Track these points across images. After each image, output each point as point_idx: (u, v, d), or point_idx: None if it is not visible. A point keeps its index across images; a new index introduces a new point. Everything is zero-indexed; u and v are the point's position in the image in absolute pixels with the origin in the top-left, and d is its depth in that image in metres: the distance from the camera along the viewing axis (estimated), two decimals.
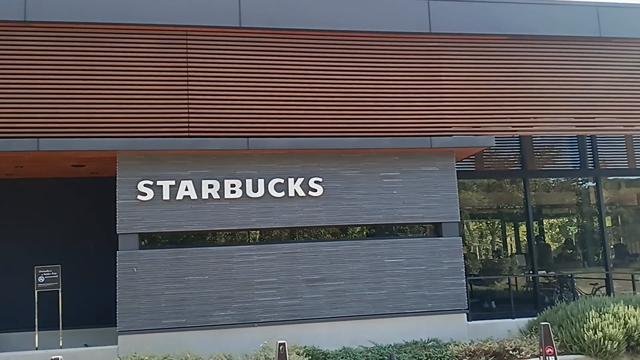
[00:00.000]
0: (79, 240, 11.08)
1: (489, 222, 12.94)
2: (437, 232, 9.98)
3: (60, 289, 9.25)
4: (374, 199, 9.62)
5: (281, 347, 7.30)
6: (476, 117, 10.20)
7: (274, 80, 9.50)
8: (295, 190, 9.32)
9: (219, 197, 9.06)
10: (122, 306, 8.59)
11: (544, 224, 13.13)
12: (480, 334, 9.40)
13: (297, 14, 9.60)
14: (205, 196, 9.02)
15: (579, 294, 11.64)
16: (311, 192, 9.38)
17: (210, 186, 9.05)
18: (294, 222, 9.33)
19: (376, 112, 9.81)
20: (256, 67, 9.46)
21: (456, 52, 10.28)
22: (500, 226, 12.97)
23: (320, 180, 9.45)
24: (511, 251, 12.83)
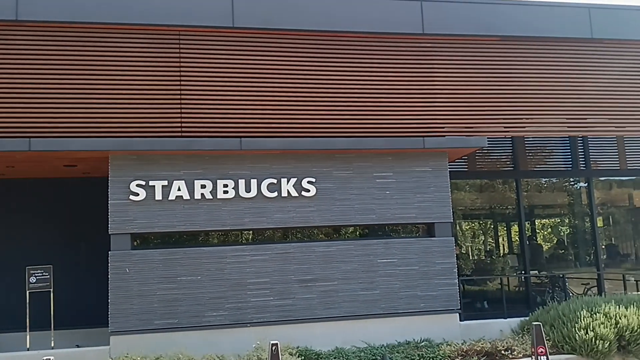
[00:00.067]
0: (70, 240, 11.04)
1: (481, 222, 12.98)
2: (429, 233, 10.00)
3: (52, 290, 9.20)
4: (367, 199, 9.64)
5: (274, 348, 7.30)
6: (469, 118, 10.23)
7: (267, 80, 9.50)
8: (288, 190, 9.31)
9: (211, 198, 9.05)
10: (114, 307, 8.56)
11: (536, 224, 13.19)
12: (472, 334, 9.43)
13: (291, 14, 9.60)
14: (197, 196, 9.00)
15: (571, 294, 11.68)
16: (304, 193, 9.38)
17: (202, 186, 9.03)
18: (287, 222, 9.33)
19: (369, 112, 9.82)
20: (249, 67, 9.46)
21: (449, 53, 10.31)
22: (492, 226, 13.01)
23: (313, 180, 9.45)
24: (503, 251, 12.87)
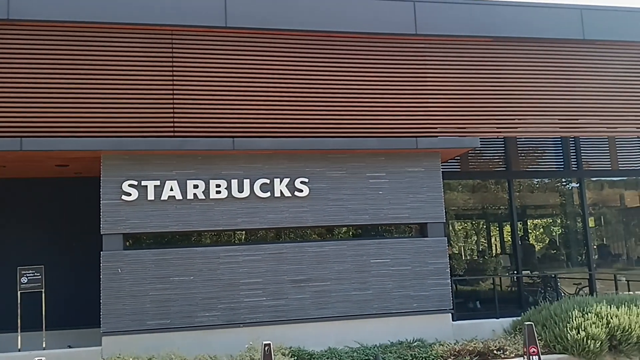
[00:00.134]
0: (62, 240, 10.98)
1: (474, 222, 13.02)
2: (422, 233, 10.02)
3: (43, 290, 9.15)
4: (360, 199, 9.64)
5: (266, 348, 7.30)
6: (461, 119, 10.25)
7: (260, 80, 9.48)
8: (281, 190, 9.30)
9: (204, 198, 9.02)
10: (106, 307, 8.53)
11: (528, 224, 13.24)
12: (465, 333, 9.46)
13: (284, 15, 9.59)
14: (190, 196, 8.98)
15: (563, 294, 11.73)
16: (297, 193, 9.37)
17: (195, 186, 9.01)
18: (279, 222, 9.32)
19: (362, 112, 9.83)
20: (242, 67, 9.44)
21: (442, 54, 10.33)
22: (485, 226, 13.05)
23: (306, 180, 9.44)
24: (496, 251, 12.91)
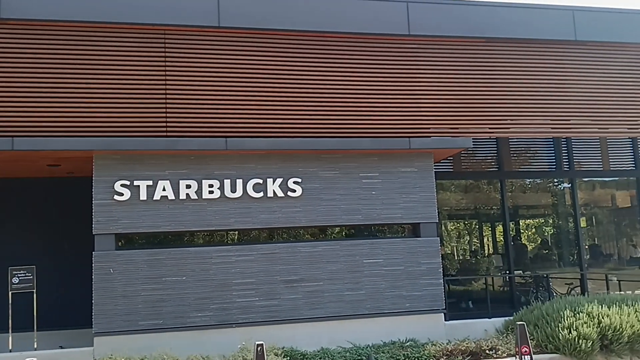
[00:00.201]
0: (54, 240, 10.94)
1: (466, 222, 13.05)
2: (415, 233, 10.03)
3: (35, 290, 9.10)
4: (353, 199, 9.65)
5: (259, 348, 7.29)
6: (454, 119, 10.28)
7: (253, 80, 9.47)
8: (274, 190, 9.29)
9: (196, 198, 9.00)
10: (98, 307, 8.49)
11: (520, 224, 13.29)
12: (457, 333, 9.48)
13: (277, 15, 9.58)
14: (183, 196, 8.95)
15: (555, 294, 11.78)
16: (290, 193, 9.36)
17: (188, 186, 8.99)
18: (272, 222, 9.31)
19: (355, 113, 9.83)
20: (235, 67, 9.43)
21: (434, 54, 10.35)
22: (477, 226, 13.09)
23: (299, 180, 9.44)
24: (488, 251, 12.95)
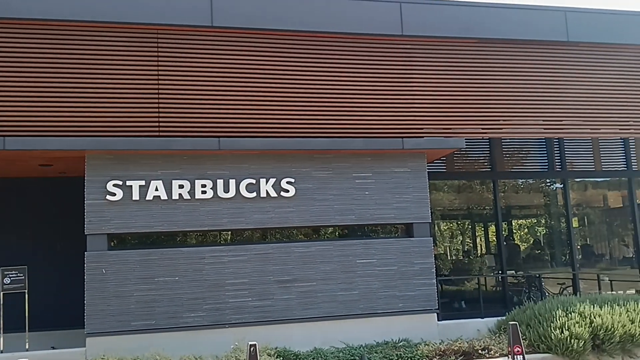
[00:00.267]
0: (46, 241, 10.89)
1: (459, 222, 13.08)
2: (408, 233, 10.04)
3: (26, 291, 9.06)
4: (346, 199, 9.65)
5: (252, 349, 7.28)
6: (447, 119, 10.30)
7: (246, 80, 9.45)
8: (267, 190, 9.28)
9: (189, 198, 8.98)
10: (91, 308, 8.45)
11: (513, 224, 13.33)
12: (450, 333, 9.49)
13: (270, 14, 9.56)
14: (175, 196, 8.93)
15: (547, 294, 11.83)
16: (283, 193, 9.35)
17: (180, 186, 8.96)
18: (265, 223, 9.30)
19: (349, 113, 9.83)
20: (228, 67, 9.41)
21: (428, 55, 10.36)
22: (470, 227, 13.12)
23: (292, 180, 9.43)
24: (481, 251, 12.99)
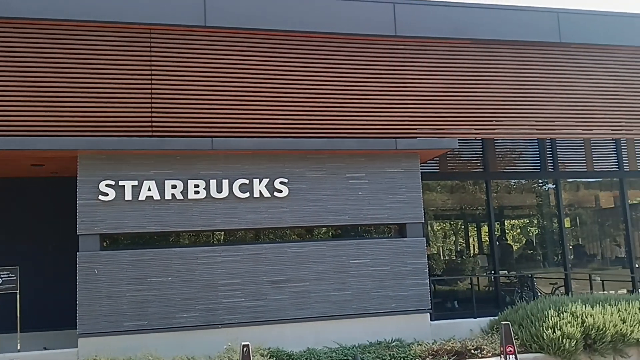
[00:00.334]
0: (38, 241, 10.83)
1: (452, 222, 13.11)
2: (401, 233, 10.06)
3: (18, 291, 9.01)
4: (339, 199, 9.65)
5: (245, 349, 7.28)
6: (440, 120, 10.32)
7: (239, 80, 9.44)
8: (260, 191, 9.27)
9: (182, 198, 8.96)
10: (83, 308, 8.42)
11: (506, 224, 13.38)
12: (443, 333, 9.50)
13: (264, 15, 9.56)
14: (168, 197, 8.90)
15: (539, 294, 11.87)
16: (276, 193, 9.34)
17: (173, 186, 8.94)
18: (259, 223, 9.29)
19: (342, 113, 9.84)
20: (221, 67, 9.39)
21: (421, 55, 10.38)
22: (463, 227, 13.15)
23: (285, 181, 9.42)
24: (474, 251, 13.02)
